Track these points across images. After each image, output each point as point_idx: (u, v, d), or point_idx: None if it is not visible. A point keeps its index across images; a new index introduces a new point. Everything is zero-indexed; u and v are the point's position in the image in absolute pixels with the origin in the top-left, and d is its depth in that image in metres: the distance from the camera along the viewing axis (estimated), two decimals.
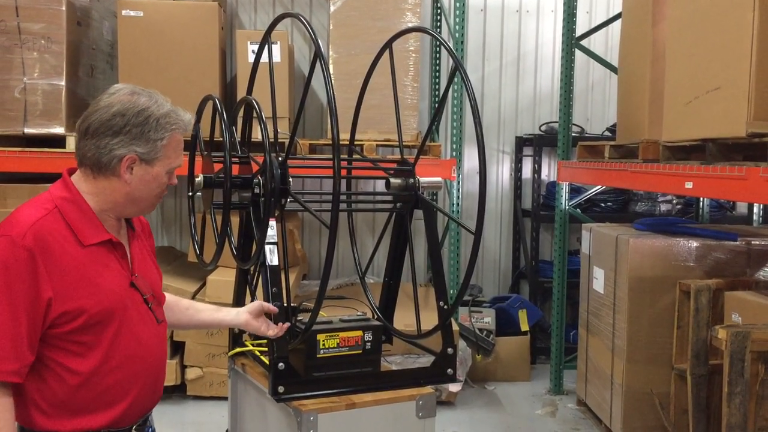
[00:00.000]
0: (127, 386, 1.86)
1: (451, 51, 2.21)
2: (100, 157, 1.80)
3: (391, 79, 2.56)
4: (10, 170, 4.56)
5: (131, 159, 1.81)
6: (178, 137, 1.87)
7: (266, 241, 2.19)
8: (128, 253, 1.92)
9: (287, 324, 2.20)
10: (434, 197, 5.91)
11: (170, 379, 4.77)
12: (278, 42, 4.86)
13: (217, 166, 2.30)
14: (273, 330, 2.17)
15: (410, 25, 4.90)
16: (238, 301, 2.55)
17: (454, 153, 4.98)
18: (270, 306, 2.20)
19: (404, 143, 2.65)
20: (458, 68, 2.18)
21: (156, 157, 1.83)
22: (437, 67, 6.09)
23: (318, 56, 2.02)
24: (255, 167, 2.33)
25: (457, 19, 4.91)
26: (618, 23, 4.81)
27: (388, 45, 2.55)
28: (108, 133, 1.79)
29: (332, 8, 4.98)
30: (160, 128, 1.82)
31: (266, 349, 2.32)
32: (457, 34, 4.92)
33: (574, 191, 5.50)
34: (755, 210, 5.89)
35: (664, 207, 5.90)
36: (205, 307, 2.31)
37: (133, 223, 1.99)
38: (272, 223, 2.23)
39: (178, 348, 4.88)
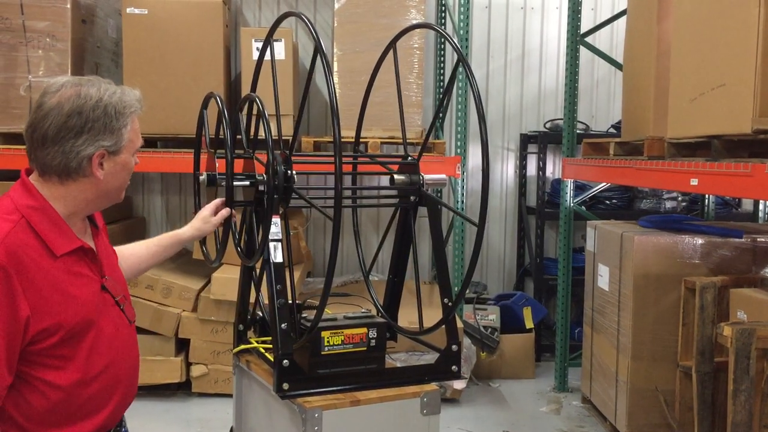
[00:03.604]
0: (108, 393, 1.81)
1: (455, 45, 2.20)
2: (68, 163, 1.70)
3: (395, 76, 2.55)
4: (16, 168, 4.57)
5: (100, 155, 1.73)
6: (135, 118, 1.80)
7: (270, 238, 2.19)
8: (96, 256, 1.84)
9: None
10: (439, 194, 5.91)
11: (175, 376, 4.79)
12: (282, 40, 4.86)
13: (222, 163, 2.30)
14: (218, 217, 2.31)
15: (414, 22, 4.89)
16: (243, 299, 2.56)
17: (458, 150, 4.97)
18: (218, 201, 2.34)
19: (408, 140, 2.65)
20: (462, 62, 2.18)
21: (122, 145, 1.76)
22: (441, 64, 6.08)
23: (320, 54, 2.02)
24: (259, 165, 2.33)
25: (462, 16, 4.90)
26: (623, 20, 4.80)
27: (395, 41, 2.54)
28: (69, 136, 1.69)
29: (336, 5, 4.98)
30: (120, 115, 1.74)
31: (271, 346, 2.33)
32: (461, 31, 4.91)
33: (579, 188, 5.49)
34: (761, 207, 5.86)
35: (669, 204, 5.88)
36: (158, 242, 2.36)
37: (96, 220, 1.92)
38: (276, 220, 2.23)
39: (183, 345, 4.89)
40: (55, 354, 1.69)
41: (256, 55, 4.82)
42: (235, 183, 2.29)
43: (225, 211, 2.32)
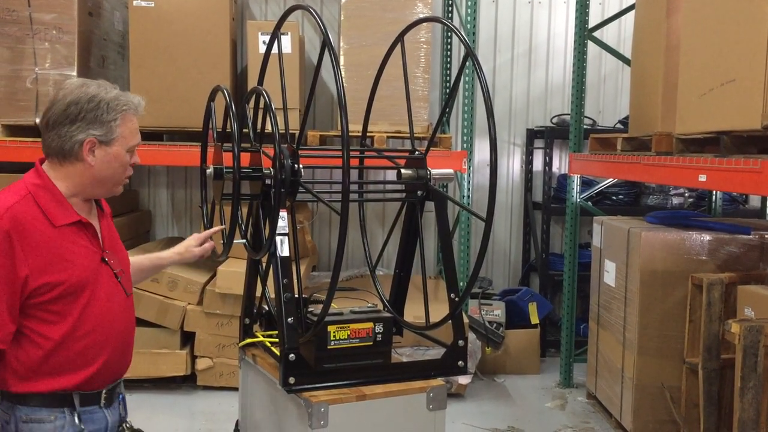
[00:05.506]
0: (97, 350, 2.01)
1: (463, 38, 2.19)
2: (63, 145, 1.97)
3: (402, 71, 2.54)
4: (23, 160, 4.57)
5: (91, 142, 1.97)
6: (130, 117, 2.03)
7: (277, 232, 2.19)
8: (98, 232, 2.07)
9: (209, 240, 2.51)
10: (445, 189, 5.90)
11: (180, 369, 4.79)
12: (289, 33, 4.85)
13: (228, 156, 2.30)
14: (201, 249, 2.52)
15: (421, 15, 4.88)
16: (249, 292, 2.55)
17: (464, 145, 4.96)
18: (207, 233, 2.51)
19: (415, 135, 2.64)
20: (470, 56, 2.16)
21: (113, 137, 2.00)
22: (448, 59, 6.06)
23: (327, 47, 2.01)
24: (265, 159, 2.32)
25: (469, 10, 4.88)
26: (631, 14, 4.77)
27: (402, 35, 2.53)
28: (66, 122, 1.96)
29: None
30: (111, 110, 1.99)
31: (277, 340, 2.32)
32: (468, 25, 4.89)
33: (586, 184, 5.47)
34: None
35: (676, 200, 5.86)
36: (150, 259, 2.50)
37: (102, 205, 2.15)
38: (283, 214, 2.23)
39: (188, 338, 4.90)
40: (51, 309, 1.94)
41: (262, 48, 4.81)
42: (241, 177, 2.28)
43: (209, 245, 2.54)
